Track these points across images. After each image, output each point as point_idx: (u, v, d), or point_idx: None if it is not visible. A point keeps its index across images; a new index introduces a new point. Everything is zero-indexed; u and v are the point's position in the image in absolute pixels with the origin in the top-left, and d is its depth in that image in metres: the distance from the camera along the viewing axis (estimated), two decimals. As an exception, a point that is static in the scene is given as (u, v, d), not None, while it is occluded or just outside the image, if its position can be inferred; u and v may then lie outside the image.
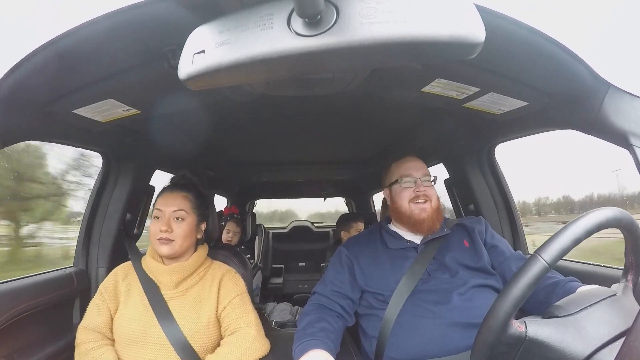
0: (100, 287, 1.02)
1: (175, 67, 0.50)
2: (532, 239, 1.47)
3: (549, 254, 0.54)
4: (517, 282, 0.55)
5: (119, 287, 1.02)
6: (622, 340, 0.52)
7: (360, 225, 2.32)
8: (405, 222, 1.07)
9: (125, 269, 1.06)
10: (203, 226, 1.09)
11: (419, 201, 1.04)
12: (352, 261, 1.06)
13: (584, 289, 0.78)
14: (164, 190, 1.06)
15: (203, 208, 1.08)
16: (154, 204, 1.07)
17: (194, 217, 1.04)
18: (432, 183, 1.08)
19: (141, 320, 0.95)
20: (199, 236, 1.07)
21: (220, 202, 3.33)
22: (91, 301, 1.03)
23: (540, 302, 0.87)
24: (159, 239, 0.98)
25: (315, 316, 0.94)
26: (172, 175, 1.16)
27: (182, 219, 1.01)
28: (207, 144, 1.71)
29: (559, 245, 0.55)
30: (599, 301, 0.60)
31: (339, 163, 2.47)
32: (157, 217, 1.01)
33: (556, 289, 0.87)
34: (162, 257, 1.03)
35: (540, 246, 0.56)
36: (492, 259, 1.03)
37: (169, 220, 0.99)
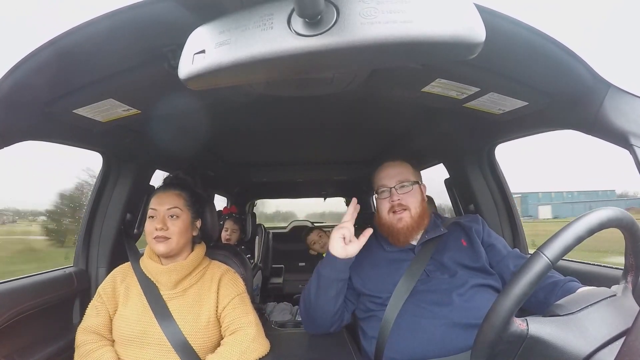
0: (99, 289, 1.03)
1: (175, 67, 0.50)
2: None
3: (551, 252, 0.54)
4: (519, 279, 0.54)
5: (117, 289, 1.02)
6: (622, 340, 0.52)
7: (312, 237, 2.38)
8: (385, 232, 1.06)
9: (123, 270, 1.06)
10: (198, 223, 1.09)
11: (396, 211, 1.02)
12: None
13: (584, 289, 0.78)
14: (157, 190, 1.07)
15: (197, 205, 1.09)
16: (148, 204, 1.07)
17: (188, 214, 1.04)
18: (411, 188, 1.04)
19: (140, 320, 0.95)
20: (194, 233, 1.07)
21: (220, 202, 3.33)
22: (90, 303, 1.03)
23: (539, 302, 0.87)
24: (155, 238, 0.98)
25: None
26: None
27: (177, 217, 1.01)
28: (207, 144, 1.71)
29: (561, 243, 0.55)
30: (599, 301, 0.59)
31: (339, 163, 2.47)
32: (152, 217, 1.01)
33: (555, 289, 0.87)
34: (159, 257, 1.03)
35: (543, 244, 0.56)
36: (489, 257, 1.03)
37: (163, 218, 1.00)
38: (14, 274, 1.05)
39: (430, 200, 1.86)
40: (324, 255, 2.40)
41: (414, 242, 1.05)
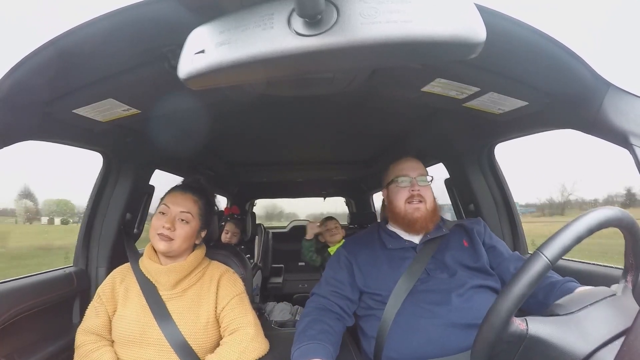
0: (98, 290, 1.03)
1: (175, 67, 0.50)
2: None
3: (551, 252, 0.54)
4: (519, 279, 0.54)
5: (116, 290, 1.02)
6: (621, 339, 0.52)
7: (331, 224, 2.37)
8: (400, 222, 1.07)
9: (122, 271, 1.06)
10: (203, 233, 1.09)
11: (414, 201, 1.04)
12: (351, 262, 1.06)
13: (583, 288, 0.78)
14: (176, 188, 1.06)
15: (208, 217, 1.09)
16: (162, 198, 1.06)
17: (197, 223, 1.04)
18: (429, 183, 1.08)
19: (140, 321, 0.95)
20: (197, 241, 1.07)
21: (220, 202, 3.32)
22: (90, 304, 1.03)
23: (538, 303, 0.87)
24: (159, 234, 0.98)
25: (314, 318, 0.94)
26: (173, 176, 1.17)
27: (187, 222, 1.01)
28: (207, 144, 1.71)
29: (561, 243, 0.55)
30: (599, 300, 0.60)
31: (339, 163, 2.47)
32: (163, 213, 1.00)
33: (554, 289, 0.87)
34: (159, 257, 1.03)
35: (543, 244, 0.56)
36: (490, 259, 1.04)
37: (174, 218, 1.00)
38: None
39: None
40: (329, 248, 2.36)
41: (416, 241, 1.05)
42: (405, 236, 1.07)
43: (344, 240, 2.46)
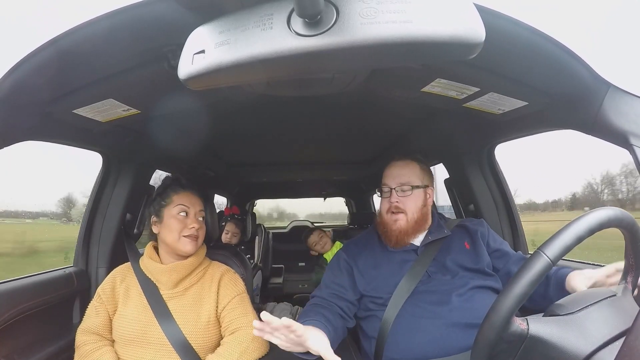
0: (99, 289, 1.03)
1: (175, 67, 0.50)
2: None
3: (551, 251, 0.54)
4: (520, 279, 0.54)
5: (116, 289, 1.02)
6: (622, 340, 0.52)
7: (313, 238, 2.48)
8: (381, 231, 1.06)
9: (123, 270, 1.06)
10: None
11: (394, 212, 1.02)
12: (351, 265, 1.05)
13: (578, 278, 0.80)
14: (183, 188, 1.05)
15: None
16: (170, 200, 1.03)
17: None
18: (410, 192, 1.03)
19: (141, 320, 0.95)
20: None
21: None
22: (90, 304, 1.03)
23: (538, 295, 0.88)
24: (187, 236, 0.99)
25: (312, 311, 0.94)
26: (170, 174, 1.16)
27: (203, 219, 1.05)
28: (207, 144, 1.71)
29: (561, 243, 0.55)
30: (599, 300, 0.60)
31: (339, 163, 2.47)
32: (184, 214, 1.01)
33: (549, 280, 0.89)
34: (160, 257, 1.03)
35: (543, 243, 0.56)
36: (496, 261, 1.03)
37: (194, 218, 1.01)
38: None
39: None
40: (325, 256, 2.47)
41: (417, 243, 1.05)
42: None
43: (339, 242, 2.51)
